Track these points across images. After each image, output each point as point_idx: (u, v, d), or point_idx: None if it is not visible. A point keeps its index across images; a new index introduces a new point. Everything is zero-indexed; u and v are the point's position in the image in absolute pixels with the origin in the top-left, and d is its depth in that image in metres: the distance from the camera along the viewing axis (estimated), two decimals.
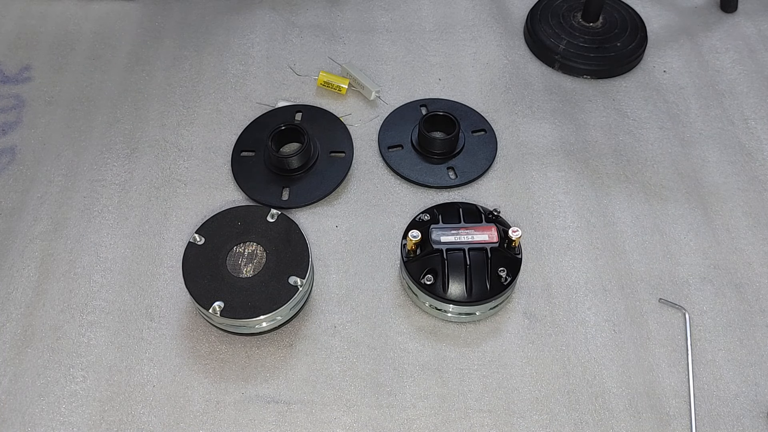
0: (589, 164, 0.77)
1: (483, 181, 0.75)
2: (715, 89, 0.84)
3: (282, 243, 0.63)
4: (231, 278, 0.61)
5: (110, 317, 0.65)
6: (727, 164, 0.77)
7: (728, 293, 0.67)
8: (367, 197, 0.74)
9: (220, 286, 0.61)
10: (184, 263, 0.62)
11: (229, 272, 0.62)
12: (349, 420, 0.59)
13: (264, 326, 0.61)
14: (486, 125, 0.79)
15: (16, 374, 0.61)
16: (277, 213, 0.65)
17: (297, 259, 0.62)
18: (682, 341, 0.64)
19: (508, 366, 0.62)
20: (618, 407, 0.60)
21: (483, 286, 0.62)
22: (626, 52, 0.85)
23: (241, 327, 0.61)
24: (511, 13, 0.93)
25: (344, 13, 0.92)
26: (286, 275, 0.61)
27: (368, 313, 0.65)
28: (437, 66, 0.86)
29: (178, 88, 0.83)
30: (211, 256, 0.62)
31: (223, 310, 0.59)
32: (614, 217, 0.72)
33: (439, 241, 0.63)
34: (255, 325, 0.61)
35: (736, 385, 0.61)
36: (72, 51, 0.87)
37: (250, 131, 0.78)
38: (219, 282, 0.61)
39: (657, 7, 0.93)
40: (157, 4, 0.93)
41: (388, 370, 0.62)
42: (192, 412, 0.59)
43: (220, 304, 0.59)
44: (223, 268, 0.62)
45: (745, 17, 0.92)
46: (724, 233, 0.71)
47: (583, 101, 0.83)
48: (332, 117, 0.79)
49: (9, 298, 0.66)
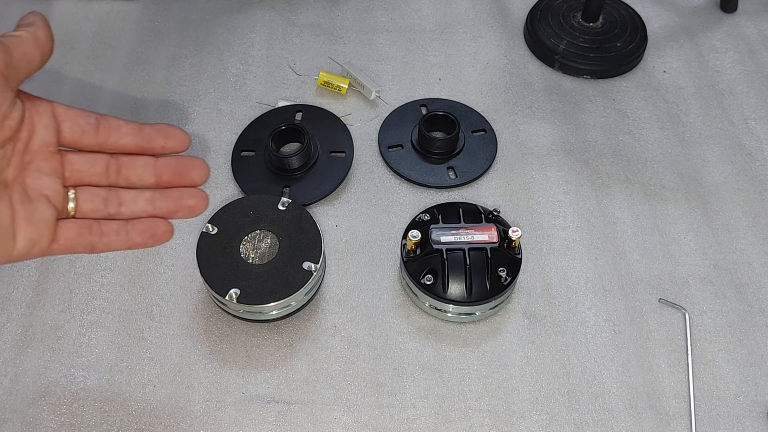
0: (589, 164, 0.77)
1: (483, 181, 0.75)
2: (715, 89, 0.84)
3: (294, 230, 0.64)
4: (245, 266, 0.62)
5: (111, 317, 0.65)
6: (727, 164, 0.77)
7: (728, 293, 0.67)
8: (367, 197, 0.74)
9: (235, 274, 0.62)
10: (199, 253, 0.63)
11: (243, 260, 0.63)
12: (349, 420, 0.59)
13: (276, 313, 0.62)
14: (486, 125, 0.79)
15: (17, 374, 0.61)
16: (287, 201, 0.65)
17: (310, 245, 0.63)
18: (682, 341, 0.64)
19: (508, 366, 0.62)
20: (618, 407, 0.60)
21: (483, 286, 0.62)
22: (626, 52, 0.85)
23: (257, 313, 0.62)
24: (511, 13, 0.93)
25: (344, 13, 0.92)
26: (299, 261, 0.62)
27: (368, 313, 0.66)
28: (437, 66, 0.86)
29: (178, 88, 0.83)
30: (224, 245, 0.64)
31: (239, 296, 0.60)
32: (614, 217, 0.72)
33: (439, 241, 0.63)
34: (270, 311, 0.62)
35: (736, 385, 0.61)
36: (72, 51, 0.87)
37: (250, 131, 0.78)
38: (234, 270, 0.62)
39: (657, 7, 0.93)
40: (157, 4, 0.93)
41: (388, 370, 0.62)
42: (192, 412, 0.59)
43: (236, 291, 0.60)
44: (237, 256, 0.63)
45: (745, 17, 0.92)
46: (724, 233, 0.71)
47: (583, 101, 0.83)
48: (332, 117, 0.79)
49: (9, 297, 0.66)
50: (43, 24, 0.44)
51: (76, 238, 0.44)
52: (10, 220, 0.41)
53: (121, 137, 0.46)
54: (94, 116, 0.45)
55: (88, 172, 0.46)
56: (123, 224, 0.46)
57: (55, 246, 0.44)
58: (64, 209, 0.45)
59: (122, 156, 0.46)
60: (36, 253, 0.43)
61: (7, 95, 0.40)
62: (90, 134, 0.45)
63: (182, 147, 0.48)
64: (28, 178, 0.43)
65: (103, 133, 0.45)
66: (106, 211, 0.46)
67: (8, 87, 0.40)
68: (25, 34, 0.43)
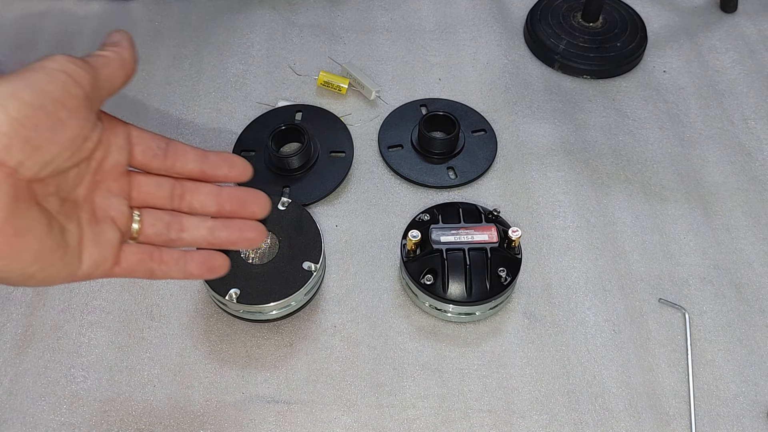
0: (589, 164, 0.77)
1: (483, 181, 0.75)
2: (715, 89, 0.84)
3: (294, 230, 0.64)
4: (245, 266, 0.62)
5: (111, 317, 0.65)
6: (727, 164, 0.77)
7: (728, 293, 0.67)
8: (367, 197, 0.74)
9: (235, 274, 0.62)
10: None
11: (243, 260, 0.63)
12: (349, 420, 0.59)
13: (276, 313, 0.62)
14: (486, 125, 0.79)
15: (17, 374, 0.61)
16: (287, 201, 0.65)
17: (310, 245, 0.63)
18: (682, 341, 0.64)
19: (508, 366, 0.62)
20: (618, 407, 0.60)
21: (483, 286, 0.62)
22: (626, 52, 0.85)
23: (256, 313, 0.62)
24: (511, 13, 0.93)
25: (344, 13, 0.92)
26: (299, 261, 0.62)
27: (368, 313, 0.66)
28: (437, 66, 0.86)
29: (178, 88, 0.83)
30: None
31: (239, 296, 0.60)
32: (614, 217, 0.72)
33: (438, 241, 0.63)
34: (270, 311, 0.61)
35: (736, 385, 0.61)
36: (72, 51, 0.87)
37: (250, 131, 0.78)
38: (234, 269, 0.62)
39: (657, 7, 0.93)
40: (157, 4, 0.93)
41: (388, 370, 0.62)
42: (192, 412, 0.59)
43: (236, 291, 0.60)
44: (237, 256, 0.63)
45: (745, 17, 0.92)
46: (724, 233, 0.71)
47: (583, 101, 0.83)
48: (332, 117, 0.79)
49: (9, 297, 0.66)
50: (129, 44, 0.44)
51: (137, 264, 0.45)
52: (78, 241, 0.41)
53: (188, 163, 0.46)
54: (164, 140, 0.46)
55: (154, 195, 0.46)
56: (182, 254, 0.47)
57: (116, 269, 0.44)
58: (128, 231, 0.45)
59: (186, 181, 0.47)
60: (98, 274, 0.43)
61: (90, 117, 0.40)
62: (159, 158, 0.45)
63: (244, 178, 0.49)
64: (97, 197, 0.43)
65: (170, 157, 0.46)
66: (168, 235, 0.47)
67: (91, 109, 0.40)
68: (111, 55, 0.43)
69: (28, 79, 0.37)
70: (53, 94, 0.38)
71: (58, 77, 0.38)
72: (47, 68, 0.38)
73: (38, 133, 0.37)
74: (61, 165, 0.39)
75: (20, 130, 0.36)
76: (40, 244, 0.38)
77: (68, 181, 0.42)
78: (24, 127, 0.36)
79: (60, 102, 0.38)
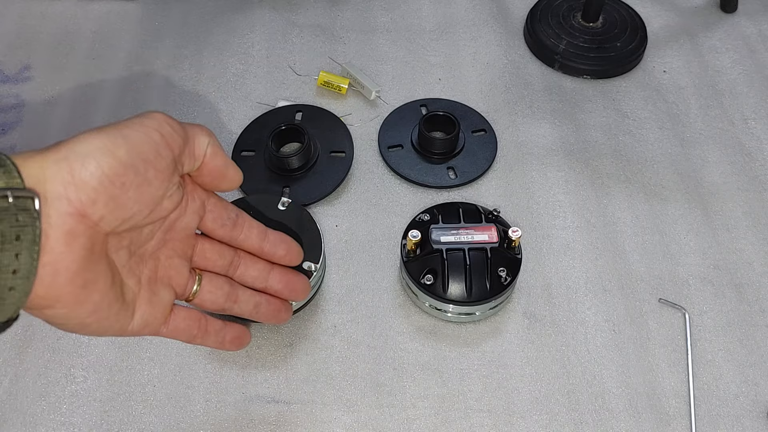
0: (589, 164, 0.77)
1: (483, 181, 0.75)
2: (715, 89, 0.84)
3: (294, 230, 0.64)
4: None
5: None
6: (727, 164, 0.77)
7: (728, 293, 0.67)
8: (367, 197, 0.74)
9: None
10: None
11: None
12: (349, 420, 0.59)
13: None
14: (486, 125, 0.79)
15: (17, 374, 0.61)
16: (287, 201, 0.65)
17: (310, 245, 0.63)
18: (682, 341, 0.64)
19: (508, 366, 0.62)
20: (618, 407, 0.60)
21: (483, 286, 0.62)
22: (626, 52, 0.85)
23: None
24: (511, 13, 0.93)
25: (344, 13, 0.92)
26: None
27: (368, 313, 0.66)
28: (437, 66, 0.86)
29: (178, 88, 0.83)
30: None
31: None
32: (614, 217, 0.72)
33: (439, 241, 0.63)
34: None
35: (736, 385, 0.61)
36: (72, 51, 0.87)
37: (250, 131, 0.78)
38: None
39: (657, 7, 0.93)
40: (157, 4, 0.93)
41: (388, 370, 0.62)
42: (192, 412, 0.59)
43: None
44: None
45: (745, 17, 0.92)
46: (724, 233, 0.71)
47: (583, 101, 0.83)
48: (332, 117, 0.79)
49: None
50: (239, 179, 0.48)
51: (183, 329, 0.47)
52: (133, 297, 0.43)
53: (249, 238, 0.49)
54: (235, 212, 0.49)
55: (214, 263, 0.49)
56: (222, 326, 0.50)
57: (164, 329, 0.46)
58: (183, 291, 0.47)
59: (244, 254, 0.50)
60: (146, 332, 0.44)
61: (174, 179, 0.41)
62: (227, 228, 0.48)
63: (296, 262, 0.53)
64: (162, 255, 0.45)
65: (237, 230, 0.49)
66: (222, 305, 0.49)
67: (177, 171, 0.42)
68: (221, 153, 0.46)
69: (126, 137, 0.38)
70: (145, 154, 0.39)
71: (152, 137, 0.39)
72: (145, 126, 0.39)
73: (124, 191, 0.38)
74: (139, 222, 0.40)
75: (109, 186, 0.37)
76: (102, 297, 0.39)
77: (141, 237, 0.43)
78: (113, 183, 0.37)
79: (150, 162, 0.39)
